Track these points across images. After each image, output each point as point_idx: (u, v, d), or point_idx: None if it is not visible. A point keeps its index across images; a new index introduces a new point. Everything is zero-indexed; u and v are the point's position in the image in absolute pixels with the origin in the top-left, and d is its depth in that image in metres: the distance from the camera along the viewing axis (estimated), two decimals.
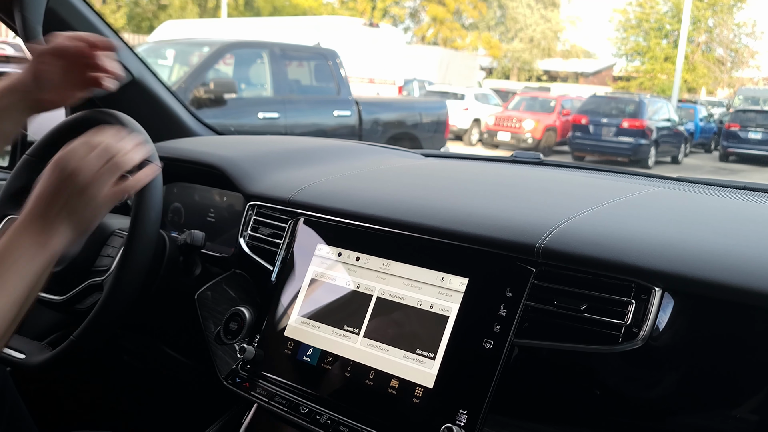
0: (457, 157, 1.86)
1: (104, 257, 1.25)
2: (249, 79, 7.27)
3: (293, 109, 6.89)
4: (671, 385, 0.85)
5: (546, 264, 0.93)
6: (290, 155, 1.53)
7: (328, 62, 7.53)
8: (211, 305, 1.27)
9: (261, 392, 1.08)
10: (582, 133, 14.71)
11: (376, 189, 1.25)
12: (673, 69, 26.07)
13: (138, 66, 1.72)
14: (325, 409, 1.01)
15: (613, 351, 0.86)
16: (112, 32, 1.67)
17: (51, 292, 1.27)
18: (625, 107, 14.78)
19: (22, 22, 1.42)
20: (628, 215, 1.05)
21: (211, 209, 1.54)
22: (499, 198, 1.16)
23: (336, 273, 1.10)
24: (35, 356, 1.19)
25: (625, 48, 35.73)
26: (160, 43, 8.40)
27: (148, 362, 1.73)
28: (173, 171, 1.50)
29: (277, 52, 7.10)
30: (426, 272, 1.01)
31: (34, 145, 1.38)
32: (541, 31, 41.27)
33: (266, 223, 1.26)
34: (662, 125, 14.81)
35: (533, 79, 41.27)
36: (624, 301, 0.87)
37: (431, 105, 9.21)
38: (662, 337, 0.84)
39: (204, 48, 6.83)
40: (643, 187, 1.28)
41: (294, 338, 1.09)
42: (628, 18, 34.88)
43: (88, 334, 1.13)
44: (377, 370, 0.99)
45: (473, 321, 0.94)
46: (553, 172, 1.50)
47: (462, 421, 0.90)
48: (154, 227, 1.16)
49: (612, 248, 0.90)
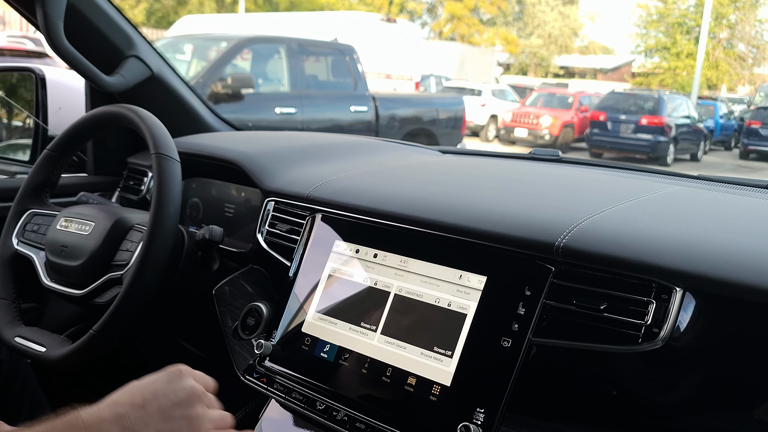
0: (474, 154, 1.85)
1: (123, 252, 1.26)
2: (266, 75, 7.28)
3: (310, 104, 6.90)
4: (691, 386, 0.84)
5: (565, 263, 0.92)
6: (308, 151, 1.53)
7: (345, 57, 7.53)
8: (228, 300, 1.28)
9: (278, 387, 1.09)
10: (600, 129, 14.60)
11: (395, 186, 1.25)
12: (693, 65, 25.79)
13: (157, 61, 1.73)
14: (342, 405, 1.01)
15: (632, 351, 0.85)
16: (132, 27, 1.68)
17: (71, 286, 1.28)
18: (643, 104, 14.65)
19: (43, 17, 1.44)
20: (648, 214, 1.04)
21: (229, 204, 1.54)
22: (518, 196, 1.15)
23: (353, 269, 1.10)
24: (55, 349, 1.20)
25: (645, 44, 35.37)
26: (179, 38, 8.45)
27: (166, 356, 1.74)
28: (192, 166, 1.51)
29: (295, 47, 7.11)
30: (444, 270, 1.00)
31: (54, 140, 1.40)
32: (559, 27, 41.00)
33: (284, 218, 1.26)
34: (681, 122, 14.67)
35: (551, 76, 41.04)
36: (644, 301, 0.86)
37: (448, 101, 9.18)
38: (683, 337, 0.83)
39: (222, 43, 6.85)
40: (663, 186, 1.26)
41: (311, 334, 1.09)
42: (649, 13, 34.53)
43: (108, 328, 1.14)
44: (394, 367, 0.99)
45: (491, 319, 0.94)
46: (572, 170, 1.49)
47: (479, 419, 0.89)
48: (173, 222, 1.16)
49: (632, 247, 0.90)
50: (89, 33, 1.59)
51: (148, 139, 1.22)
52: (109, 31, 1.62)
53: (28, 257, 1.35)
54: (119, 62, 1.66)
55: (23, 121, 2.45)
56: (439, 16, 40.74)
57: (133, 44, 1.67)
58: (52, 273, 1.32)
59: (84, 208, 1.35)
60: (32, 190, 1.41)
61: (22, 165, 2.18)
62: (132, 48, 1.67)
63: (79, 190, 1.59)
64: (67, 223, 1.32)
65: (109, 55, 1.65)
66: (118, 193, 1.77)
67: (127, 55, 1.67)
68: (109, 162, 1.84)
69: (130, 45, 1.67)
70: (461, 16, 38.17)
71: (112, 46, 1.64)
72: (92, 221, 1.29)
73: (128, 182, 1.73)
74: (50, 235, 1.32)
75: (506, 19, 42.37)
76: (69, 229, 1.30)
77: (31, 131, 2.16)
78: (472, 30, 39.19)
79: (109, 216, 1.30)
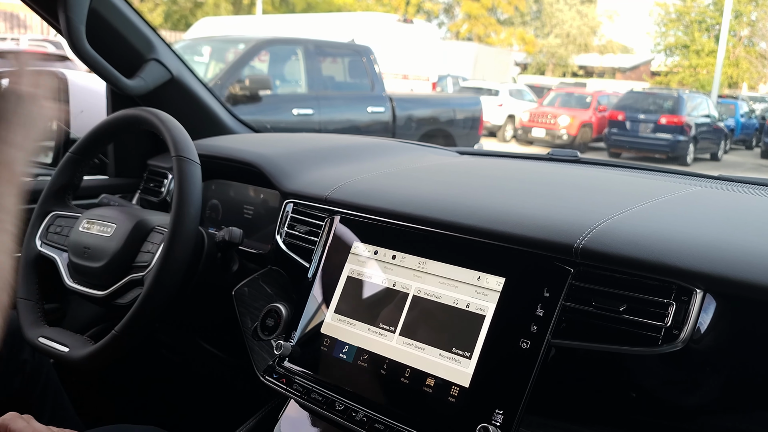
0: (492, 154, 1.85)
1: (145, 253, 1.27)
2: (284, 76, 7.31)
3: (327, 105, 6.92)
4: (712, 388, 0.83)
5: (584, 264, 0.92)
6: (327, 153, 1.54)
7: (362, 58, 7.54)
8: (248, 301, 1.29)
9: (297, 388, 1.09)
10: (618, 129, 14.50)
11: (413, 187, 1.25)
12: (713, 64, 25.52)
13: (177, 64, 1.75)
14: (360, 406, 1.02)
15: (652, 353, 0.85)
16: (152, 30, 1.70)
17: (93, 287, 1.30)
18: (663, 103, 14.52)
19: (66, 22, 1.46)
20: (668, 215, 1.04)
21: (248, 206, 1.55)
22: (537, 197, 1.15)
23: (372, 271, 1.10)
24: (78, 349, 1.21)
25: (664, 42, 35.04)
26: (197, 41, 8.51)
27: (186, 357, 1.76)
28: (211, 168, 1.52)
29: (312, 48, 7.13)
30: (462, 271, 1.00)
31: (77, 143, 1.42)
32: (577, 26, 40.72)
33: (303, 220, 1.27)
34: (702, 121, 14.53)
35: (569, 75, 40.79)
36: (664, 303, 0.85)
37: (465, 101, 9.16)
38: (703, 339, 0.83)
39: (239, 45, 6.89)
40: (683, 186, 1.26)
41: (330, 335, 1.10)
42: (668, 11, 34.19)
43: (130, 328, 1.16)
44: (413, 368, 0.99)
45: (510, 321, 0.94)
46: (591, 171, 1.48)
47: (498, 421, 0.90)
48: (193, 224, 1.18)
49: (652, 249, 0.89)
50: (110, 37, 1.61)
51: (168, 142, 1.23)
52: (129, 34, 1.63)
53: (51, 258, 1.37)
54: (140, 65, 1.68)
55: None
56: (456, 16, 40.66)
57: (153, 47, 1.69)
58: (75, 274, 1.34)
59: (106, 210, 1.37)
60: (55, 193, 1.43)
61: (44, 167, 2.21)
62: (152, 51, 1.69)
63: (100, 192, 1.61)
64: (89, 224, 1.33)
65: (129, 59, 1.67)
66: (138, 195, 1.79)
67: (148, 59, 1.68)
68: (130, 164, 1.86)
69: (150, 48, 1.68)
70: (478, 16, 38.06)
71: (133, 49, 1.66)
72: (114, 223, 1.31)
73: (149, 184, 1.75)
74: (73, 236, 1.34)
75: (523, 18, 42.19)
76: (91, 231, 1.32)
77: (54, 134, 2.19)
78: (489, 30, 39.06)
79: (131, 218, 1.31)
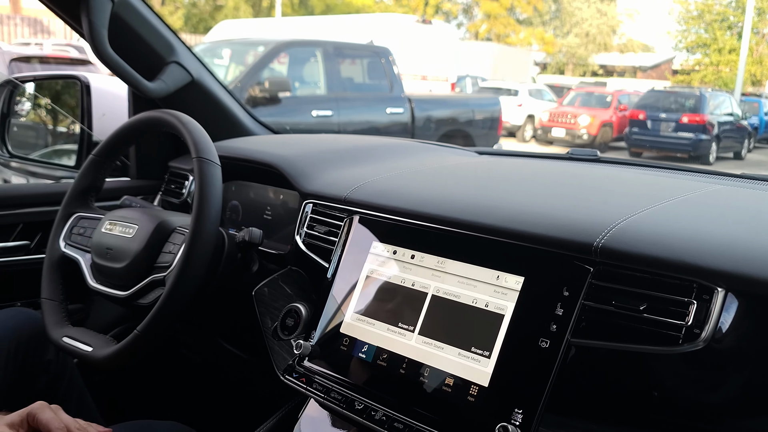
0: (511, 154, 1.85)
1: (166, 254, 1.28)
2: (303, 78, 7.34)
3: (346, 106, 6.94)
4: (733, 388, 0.83)
5: (604, 263, 0.91)
6: (345, 154, 1.55)
7: (380, 60, 7.55)
8: (268, 301, 1.29)
9: (317, 387, 1.10)
10: (639, 128, 14.37)
11: (432, 187, 1.25)
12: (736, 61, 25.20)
13: (197, 67, 1.77)
14: (380, 405, 1.02)
15: (673, 352, 0.84)
16: (173, 33, 1.72)
17: (115, 287, 1.32)
18: (684, 102, 14.37)
19: (88, 26, 1.48)
20: (689, 213, 1.03)
21: (267, 207, 1.56)
22: (556, 196, 1.15)
23: (391, 270, 1.10)
24: (101, 349, 1.23)
25: (685, 41, 34.66)
26: (217, 43, 8.56)
27: (207, 356, 1.77)
28: (231, 170, 1.54)
29: (331, 50, 7.15)
30: (481, 270, 1.00)
31: (99, 146, 1.43)
32: (596, 25, 40.42)
33: (322, 220, 1.28)
34: (724, 120, 14.35)
35: (588, 74, 40.51)
36: (685, 302, 0.85)
37: (484, 101, 9.14)
38: (725, 338, 0.82)
39: (259, 47, 6.93)
40: (705, 185, 1.24)
41: (349, 335, 1.10)
42: (689, 9, 33.83)
43: (151, 328, 1.17)
44: (432, 367, 0.99)
45: (529, 320, 0.94)
46: (611, 170, 1.47)
47: (517, 420, 0.89)
48: (214, 225, 1.19)
49: (672, 247, 0.88)
50: (132, 40, 1.63)
51: (189, 144, 1.24)
52: (150, 38, 1.65)
53: (74, 259, 1.39)
54: (161, 68, 1.70)
55: (68, 127, 2.51)
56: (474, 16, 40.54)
57: (174, 50, 1.70)
58: (98, 275, 1.35)
59: (128, 212, 1.38)
60: (78, 194, 1.45)
61: (68, 170, 2.24)
62: (173, 54, 1.70)
63: (122, 194, 1.63)
64: (111, 226, 1.35)
65: (150, 62, 1.69)
66: (160, 197, 1.81)
67: (168, 61, 1.70)
68: (152, 166, 1.88)
69: (171, 51, 1.70)
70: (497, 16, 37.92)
71: (154, 52, 1.68)
72: (136, 224, 1.32)
73: (170, 186, 1.76)
74: (95, 238, 1.36)
75: (543, 18, 41.96)
76: (113, 232, 1.34)
77: (77, 137, 2.22)
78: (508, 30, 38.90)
79: (152, 219, 1.33)
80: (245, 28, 11.60)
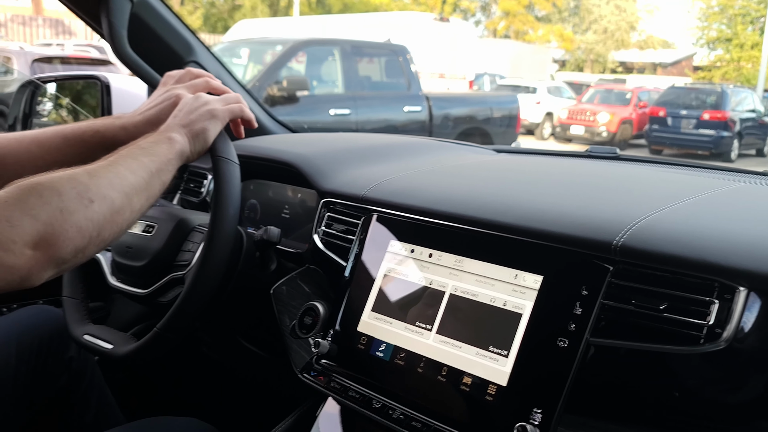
0: (530, 152, 1.84)
1: (185, 252, 1.29)
2: (321, 77, 7.37)
3: (364, 105, 6.95)
4: (756, 389, 0.82)
5: (624, 262, 0.90)
6: (363, 152, 1.55)
7: (398, 58, 7.55)
8: (286, 300, 1.30)
9: (335, 386, 1.10)
10: (660, 125, 14.25)
11: (449, 185, 1.25)
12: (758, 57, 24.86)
13: (216, 66, 1.77)
14: (397, 404, 1.02)
15: (694, 352, 0.83)
16: (191, 33, 1.73)
17: (135, 285, 1.33)
18: (706, 98, 14.23)
19: (108, 27, 1.49)
20: (710, 212, 1.02)
21: (285, 205, 1.57)
22: (575, 194, 1.14)
23: (409, 269, 1.10)
24: (121, 346, 1.24)
25: (707, 36, 34.27)
26: (235, 43, 8.61)
27: (225, 354, 1.78)
28: (250, 168, 1.54)
29: (348, 49, 7.17)
30: (499, 269, 1.00)
31: None
32: (615, 21, 40.11)
33: (340, 219, 1.28)
34: (746, 116, 14.19)
35: (608, 71, 40.20)
36: (706, 301, 0.83)
37: (502, 99, 9.10)
38: (748, 338, 0.81)
39: (277, 46, 6.96)
40: (726, 183, 1.23)
41: (367, 333, 1.10)
42: (710, 5, 33.45)
43: (171, 326, 1.17)
44: (450, 366, 0.99)
45: (548, 319, 0.93)
46: (631, 168, 1.46)
47: (536, 420, 0.89)
48: (232, 223, 1.19)
49: (693, 246, 0.87)
50: (151, 40, 1.64)
51: None
52: (169, 38, 1.66)
53: (95, 258, 1.40)
54: (180, 68, 1.70)
55: None
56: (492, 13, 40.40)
57: (192, 50, 1.71)
58: (118, 273, 1.37)
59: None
60: None
61: None
62: (192, 54, 1.71)
63: None
64: None
65: (169, 61, 1.70)
66: (179, 196, 1.82)
67: (187, 61, 1.71)
68: None
69: (189, 51, 1.71)
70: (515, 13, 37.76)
71: (173, 52, 1.69)
72: (155, 223, 1.33)
73: (189, 185, 1.77)
74: None
75: (561, 15, 41.71)
76: (133, 231, 1.35)
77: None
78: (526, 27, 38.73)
79: (172, 218, 1.34)
80: (263, 28, 11.65)
